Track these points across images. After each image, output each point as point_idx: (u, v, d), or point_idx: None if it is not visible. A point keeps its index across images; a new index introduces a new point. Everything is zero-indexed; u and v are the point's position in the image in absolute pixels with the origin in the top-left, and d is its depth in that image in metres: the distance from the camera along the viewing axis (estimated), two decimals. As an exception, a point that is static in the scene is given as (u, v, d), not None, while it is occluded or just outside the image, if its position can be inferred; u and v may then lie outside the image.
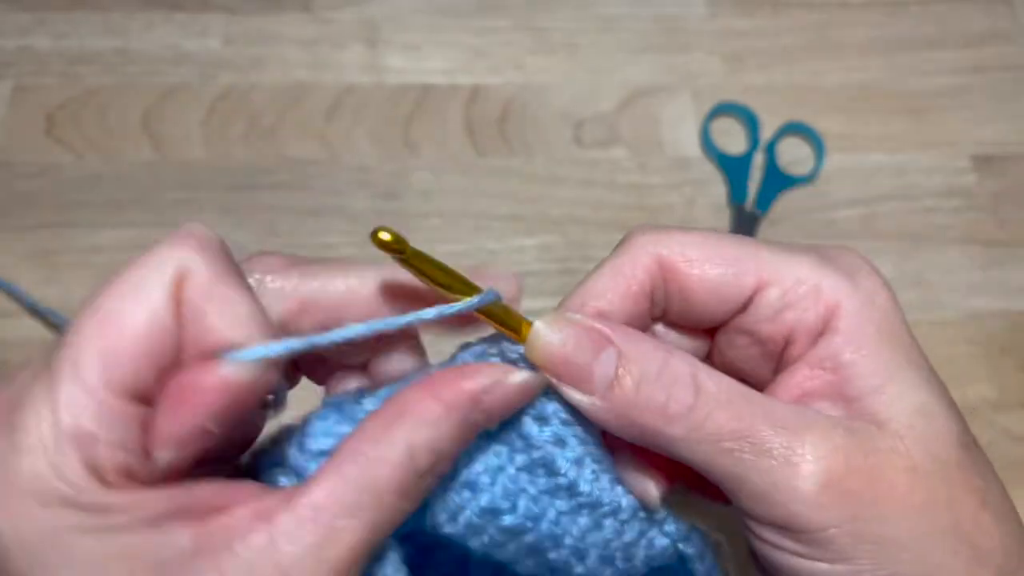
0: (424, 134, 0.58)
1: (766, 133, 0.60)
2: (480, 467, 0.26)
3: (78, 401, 0.21)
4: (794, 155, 0.59)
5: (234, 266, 0.24)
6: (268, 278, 0.26)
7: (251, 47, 0.60)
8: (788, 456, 0.24)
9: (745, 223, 0.56)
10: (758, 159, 0.59)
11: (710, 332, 0.29)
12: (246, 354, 0.22)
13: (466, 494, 0.26)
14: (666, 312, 0.29)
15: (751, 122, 0.59)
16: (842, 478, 0.24)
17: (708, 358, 0.30)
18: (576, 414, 0.26)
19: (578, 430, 0.27)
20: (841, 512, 0.24)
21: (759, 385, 0.27)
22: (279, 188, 0.55)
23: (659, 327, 0.30)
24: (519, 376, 0.25)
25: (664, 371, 0.25)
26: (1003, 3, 0.65)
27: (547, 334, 0.26)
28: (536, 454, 0.26)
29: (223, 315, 0.23)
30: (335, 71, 0.60)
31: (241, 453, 0.28)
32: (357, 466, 0.22)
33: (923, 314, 0.54)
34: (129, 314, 0.23)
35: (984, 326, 0.54)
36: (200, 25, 0.60)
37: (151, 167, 0.56)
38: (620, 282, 0.27)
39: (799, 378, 0.26)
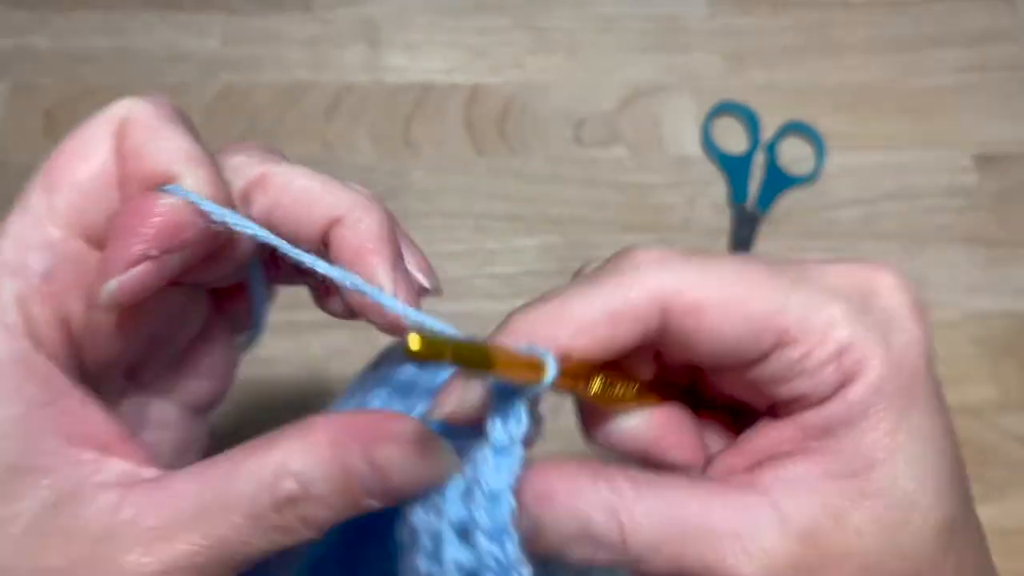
0: (424, 133, 0.58)
1: (767, 132, 0.59)
2: None
3: (23, 235, 0.23)
4: (795, 154, 0.59)
5: (180, 116, 0.25)
6: (238, 155, 0.27)
7: (250, 46, 0.60)
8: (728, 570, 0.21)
9: (746, 223, 0.56)
10: (759, 158, 0.59)
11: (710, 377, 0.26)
12: (179, 190, 0.23)
13: None
14: (657, 351, 0.25)
15: (752, 121, 0.59)
16: None
17: (693, 383, 0.27)
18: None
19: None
20: None
21: (746, 417, 0.25)
22: (278, 188, 0.55)
23: None
24: (424, 438, 0.22)
25: (585, 535, 0.22)
26: (1005, 2, 0.65)
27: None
28: None
29: (161, 150, 0.24)
30: (335, 70, 0.60)
31: (212, 397, 0.29)
32: (219, 472, 0.22)
33: (925, 314, 0.54)
34: (77, 157, 0.24)
35: (986, 326, 0.54)
36: (199, 24, 0.60)
37: (150, 167, 0.55)
38: (606, 331, 0.23)
39: (782, 437, 0.24)
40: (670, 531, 0.22)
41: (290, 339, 0.50)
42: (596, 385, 0.24)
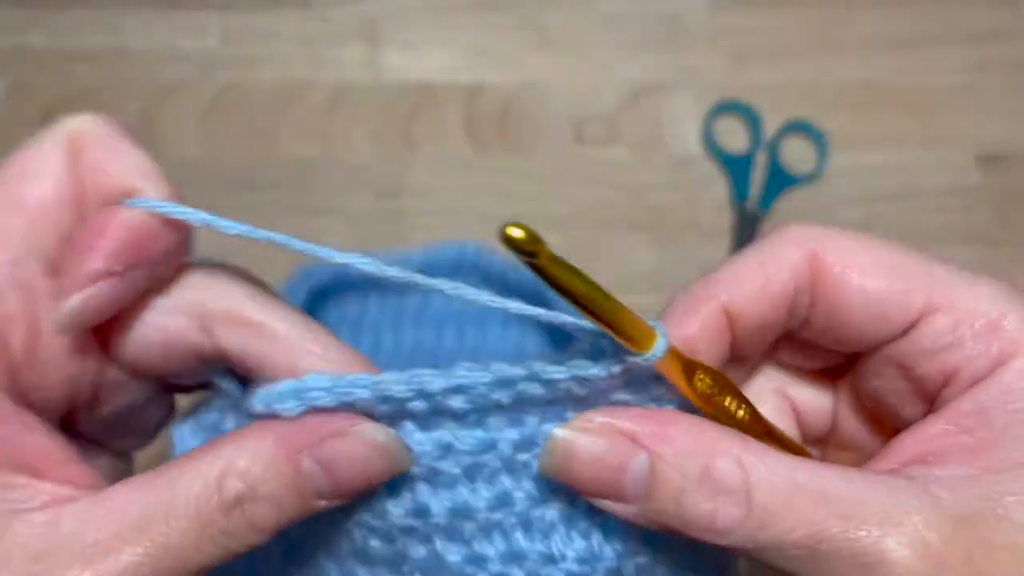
0: (424, 132, 0.58)
1: (769, 131, 0.59)
2: None
3: None
4: (797, 154, 0.59)
5: (132, 133, 0.24)
6: None
7: (249, 45, 0.60)
8: (867, 558, 0.20)
9: (747, 222, 0.56)
10: (760, 158, 0.58)
11: (850, 358, 0.25)
12: (145, 202, 0.23)
13: None
14: (806, 325, 0.24)
15: (753, 120, 0.59)
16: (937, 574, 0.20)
17: (843, 389, 0.26)
18: None
19: None
20: None
21: (903, 425, 0.24)
22: (277, 186, 0.55)
23: (772, 374, 0.26)
24: (372, 433, 0.22)
25: (707, 478, 0.21)
26: (1007, 2, 0.65)
27: (566, 446, 0.22)
28: None
29: (122, 164, 0.23)
30: (334, 69, 0.59)
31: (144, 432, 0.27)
32: (163, 479, 0.21)
33: (927, 314, 0.54)
34: (28, 176, 0.23)
35: (989, 326, 0.54)
36: (198, 23, 0.60)
37: (148, 166, 0.55)
38: (759, 278, 0.23)
39: (933, 432, 0.22)
40: (803, 498, 0.20)
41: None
42: (703, 383, 0.23)
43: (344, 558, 0.26)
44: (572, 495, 0.24)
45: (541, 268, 0.19)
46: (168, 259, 0.23)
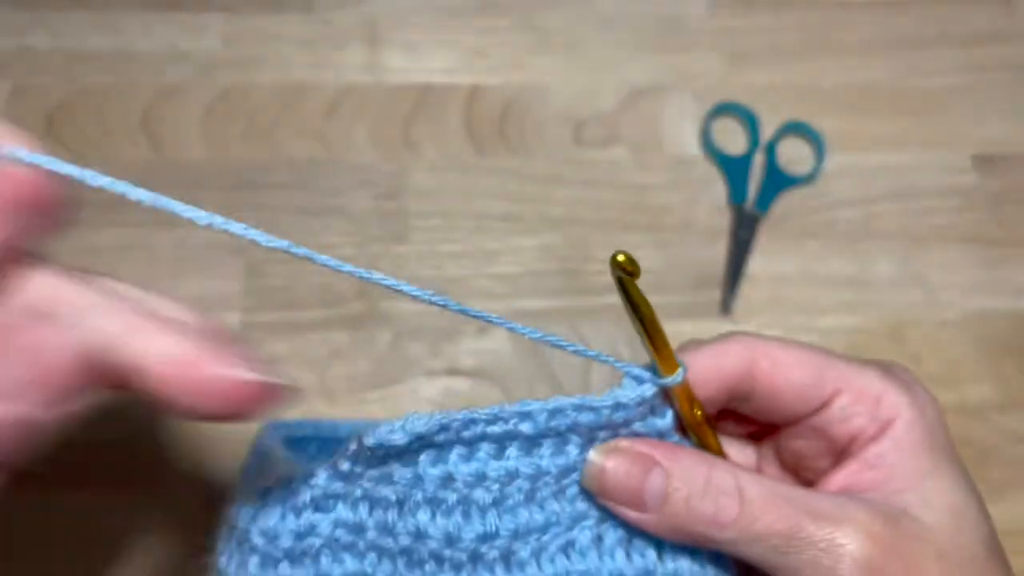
0: (424, 134, 0.58)
1: (766, 133, 0.59)
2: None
3: None
4: (794, 155, 0.59)
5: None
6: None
7: (251, 47, 0.60)
8: (831, 546, 0.27)
9: (745, 223, 0.56)
10: (758, 159, 0.59)
11: (773, 430, 0.33)
12: (25, 154, 0.22)
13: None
14: (747, 403, 0.31)
15: (751, 122, 0.59)
16: (881, 565, 0.26)
17: (766, 447, 0.34)
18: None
19: None
20: None
21: (816, 474, 0.32)
22: (278, 188, 0.55)
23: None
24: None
25: (710, 485, 0.28)
26: (1003, 3, 0.65)
27: (600, 463, 0.28)
28: None
29: None
30: (335, 71, 0.60)
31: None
32: None
33: (924, 314, 0.54)
34: None
35: (986, 326, 0.54)
36: (199, 25, 0.60)
37: (150, 167, 0.55)
38: (713, 365, 0.30)
39: (849, 471, 0.30)
40: (781, 500, 0.27)
41: (290, 339, 0.50)
42: (699, 414, 0.30)
43: None
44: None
45: (627, 286, 0.27)
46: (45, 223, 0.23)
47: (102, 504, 0.46)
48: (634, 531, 0.29)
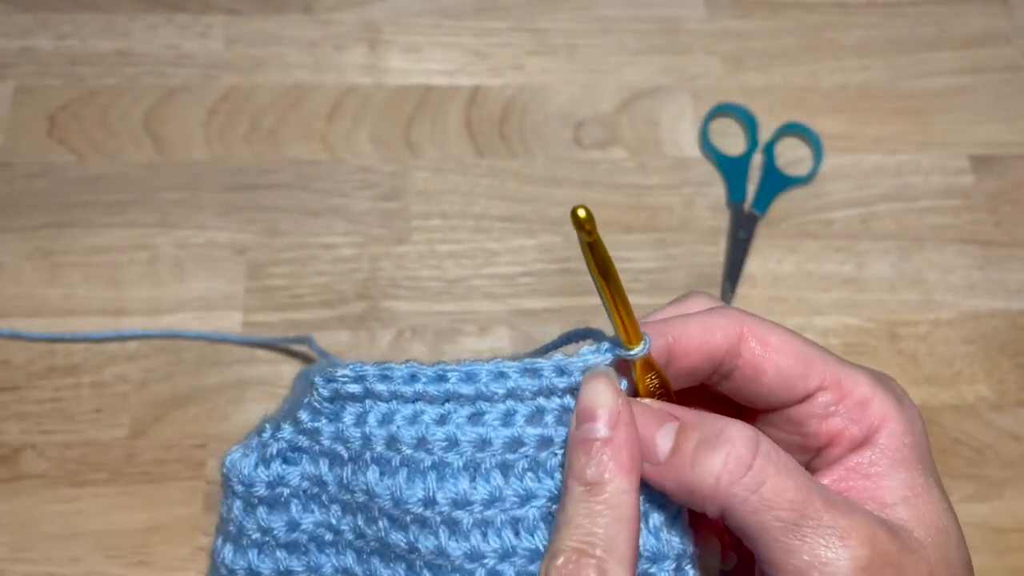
0: (424, 135, 0.58)
1: (765, 134, 0.60)
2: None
3: None
4: (792, 156, 0.59)
5: None
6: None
7: (252, 48, 0.60)
8: (836, 535, 0.25)
9: (743, 223, 0.56)
10: (757, 160, 0.59)
11: (747, 416, 0.31)
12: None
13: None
14: (728, 382, 0.30)
15: (750, 123, 0.59)
16: (879, 568, 0.25)
17: None
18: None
19: None
20: None
21: None
22: (280, 189, 0.56)
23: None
24: None
25: (723, 434, 0.26)
26: (1000, 4, 0.66)
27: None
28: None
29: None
30: (336, 72, 0.60)
31: None
32: None
33: (922, 314, 0.55)
34: None
35: (982, 326, 0.55)
36: (202, 26, 0.61)
37: (152, 168, 0.56)
38: (701, 335, 0.29)
39: (835, 478, 0.29)
40: (798, 472, 0.26)
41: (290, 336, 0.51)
42: (652, 382, 0.29)
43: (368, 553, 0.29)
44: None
45: (593, 245, 0.26)
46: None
47: (102, 504, 0.46)
48: None
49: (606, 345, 0.28)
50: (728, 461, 0.26)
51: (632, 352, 0.27)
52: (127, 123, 0.57)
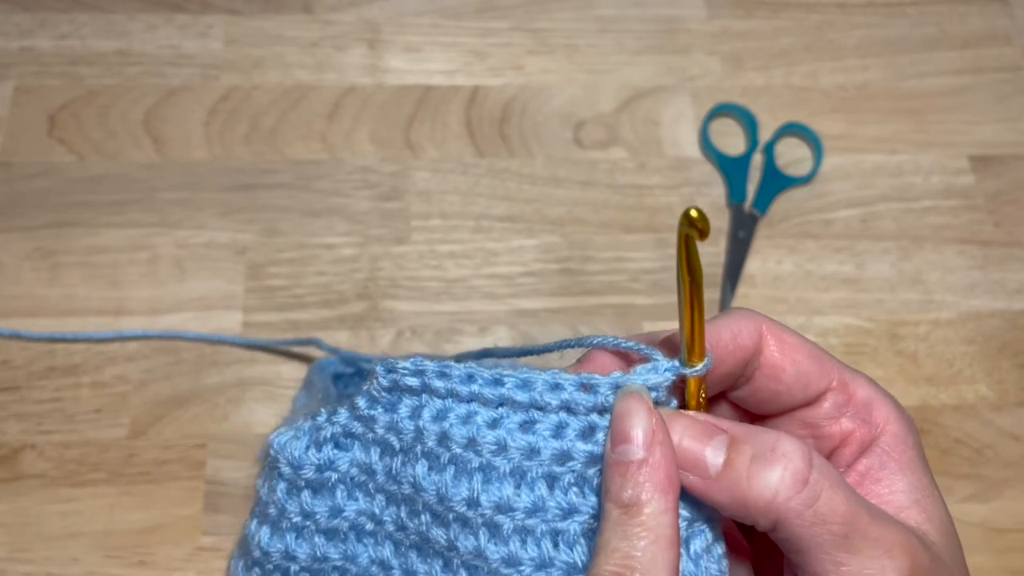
0: (425, 135, 0.58)
1: (765, 134, 0.60)
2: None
3: None
4: (793, 156, 0.59)
5: None
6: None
7: (252, 48, 0.60)
8: (881, 547, 0.26)
9: (744, 223, 0.56)
10: (757, 160, 0.59)
11: (759, 422, 0.32)
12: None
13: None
14: (746, 385, 0.30)
15: (750, 123, 0.60)
16: None
17: None
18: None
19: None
20: None
21: None
22: (280, 188, 0.56)
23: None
24: None
25: (777, 448, 0.26)
26: (1000, 4, 0.66)
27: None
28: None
29: None
30: (336, 72, 0.60)
31: None
32: None
33: (921, 314, 0.55)
34: None
35: (982, 326, 0.55)
36: (202, 26, 0.61)
37: (153, 168, 0.56)
38: (732, 338, 0.29)
39: (851, 483, 0.28)
40: (846, 488, 0.26)
41: (290, 338, 0.51)
42: (704, 401, 0.29)
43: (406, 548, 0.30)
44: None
45: (690, 244, 0.26)
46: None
47: (101, 504, 0.46)
48: None
49: (665, 364, 0.28)
50: (785, 476, 0.25)
51: (695, 369, 0.27)
52: (127, 123, 0.57)
